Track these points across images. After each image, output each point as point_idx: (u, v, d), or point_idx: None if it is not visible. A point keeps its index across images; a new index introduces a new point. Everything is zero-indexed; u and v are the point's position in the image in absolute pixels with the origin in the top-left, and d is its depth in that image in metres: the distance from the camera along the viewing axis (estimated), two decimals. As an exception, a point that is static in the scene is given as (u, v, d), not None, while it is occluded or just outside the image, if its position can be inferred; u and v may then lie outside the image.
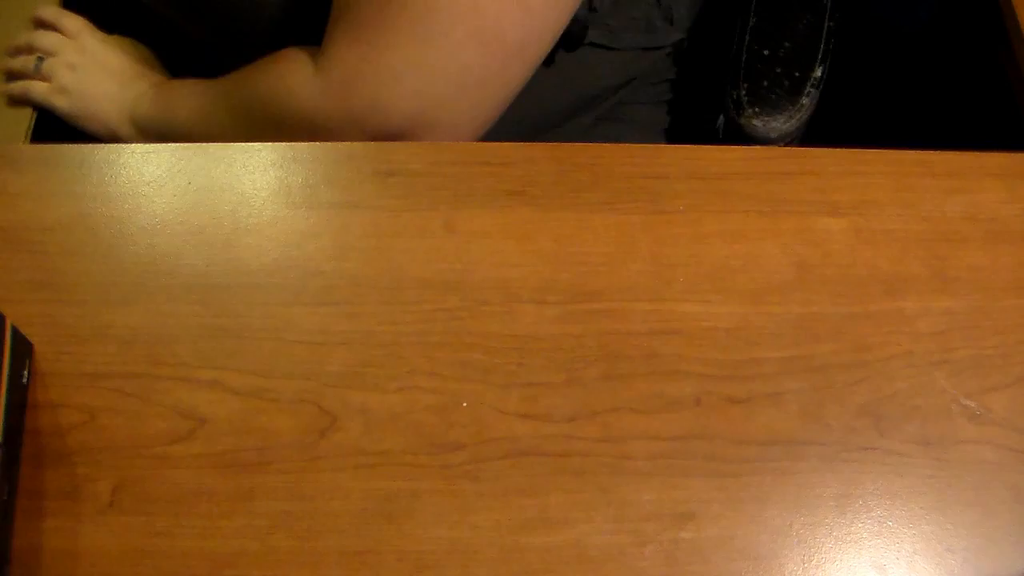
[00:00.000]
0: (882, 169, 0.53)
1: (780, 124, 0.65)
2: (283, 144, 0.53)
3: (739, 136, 0.66)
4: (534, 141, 0.59)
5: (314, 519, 0.44)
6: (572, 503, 0.45)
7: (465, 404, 0.46)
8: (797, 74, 0.65)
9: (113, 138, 0.72)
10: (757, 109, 0.64)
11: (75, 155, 0.52)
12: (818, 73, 0.65)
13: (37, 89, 0.73)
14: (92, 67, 0.74)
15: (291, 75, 0.57)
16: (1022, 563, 0.45)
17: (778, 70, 0.65)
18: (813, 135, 0.70)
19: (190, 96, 0.68)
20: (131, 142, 0.71)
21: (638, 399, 0.47)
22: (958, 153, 0.54)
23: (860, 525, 0.45)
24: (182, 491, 0.44)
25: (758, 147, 0.54)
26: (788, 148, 0.54)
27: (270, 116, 0.59)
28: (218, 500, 0.44)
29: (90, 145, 0.52)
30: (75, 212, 0.50)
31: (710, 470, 0.46)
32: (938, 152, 0.54)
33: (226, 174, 0.52)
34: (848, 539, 0.45)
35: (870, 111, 0.84)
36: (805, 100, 0.64)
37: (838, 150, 0.54)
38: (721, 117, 0.77)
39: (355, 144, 0.53)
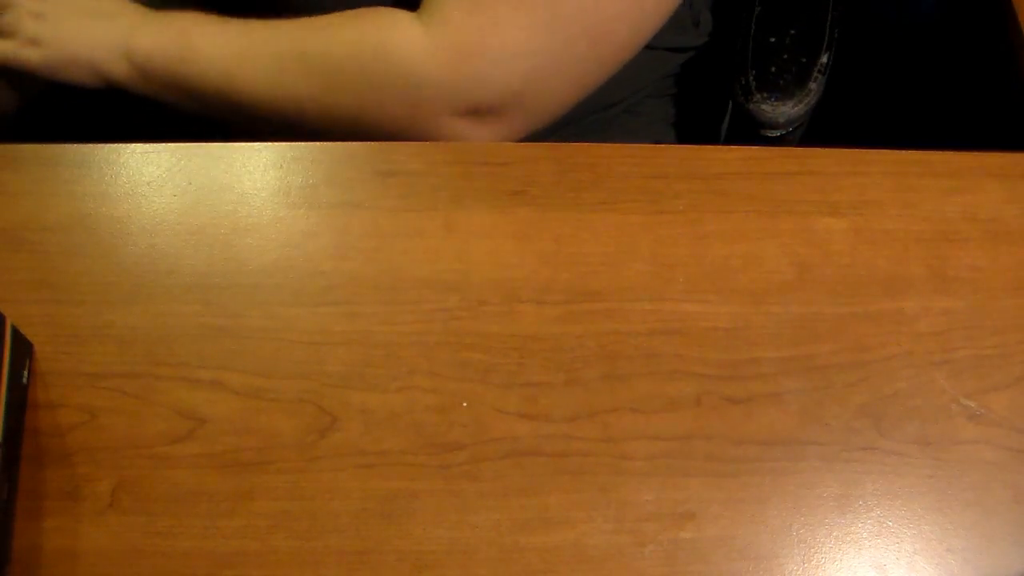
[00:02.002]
0: (882, 169, 0.53)
1: (788, 109, 0.65)
2: (283, 144, 0.53)
3: (748, 122, 0.66)
4: (552, 135, 0.58)
5: (314, 519, 0.44)
6: (572, 503, 0.45)
7: (465, 404, 0.46)
8: (804, 60, 0.65)
9: (104, 83, 0.62)
10: (766, 94, 0.65)
11: (75, 155, 0.52)
12: (824, 60, 0.65)
13: (1, 48, 0.63)
14: (61, 10, 0.63)
15: (394, 30, 0.55)
16: (1022, 563, 0.45)
17: (785, 56, 0.65)
18: (813, 134, 0.70)
19: (222, 33, 0.58)
20: (128, 85, 0.61)
21: (638, 399, 0.47)
22: (958, 153, 0.54)
23: (860, 525, 0.45)
24: (182, 491, 0.44)
25: (758, 147, 0.54)
26: (788, 148, 0.54)
27: (356, 68, 0.55)
28: (218, 500, 0.44)
29: (90, 145, 0.53)
30: (75, 212, 0.50)
31: (710, 470, 0.46)
32: (938, 152, 0.54)
33: (226, 174, 0.52)
34: (848, 539, 0.45)
35: (872, 107, 0.84)
36: (812, 85, 0.65)
37: (838, 150, 0.54)
38: (726, 120, 0.77)
39: (355, 144, 0.53)
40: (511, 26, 0.53)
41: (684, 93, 0.75)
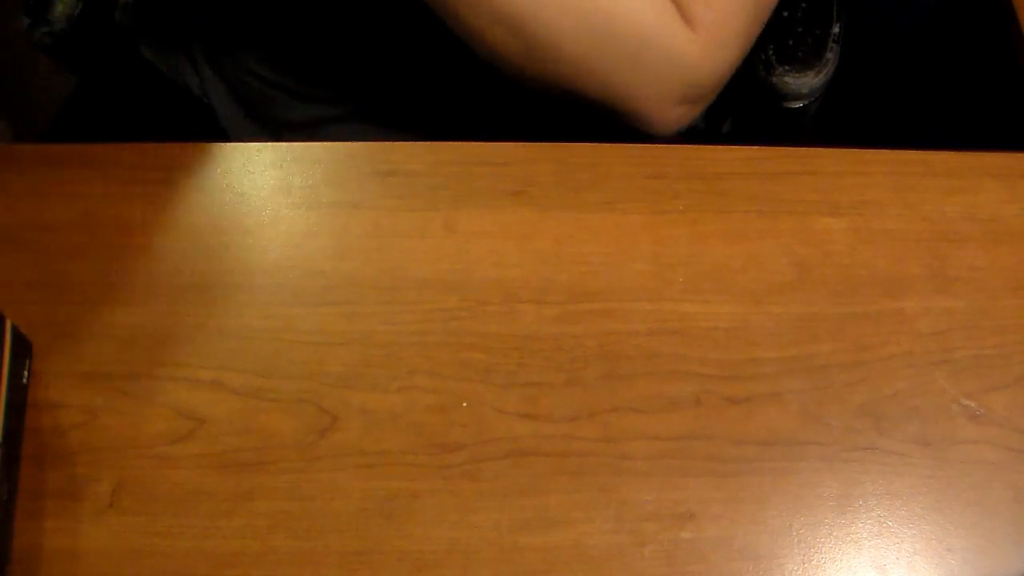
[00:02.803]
0: (882, 169, 0.53)
1: (810, 80, 0.66)
2: (283, 144, 0.53)
3: (771, 96, 0.67)
4: (577, 120, 0.58)
5: (314, 519, 0.44)
6: (572, 503, 0.45)
7: (465, 404, 0.46)
8: (818, 32, 0.67)
9: None
10: (787, 67, 0.66)
11: (75, 155, 0.52)
12: (836, 30, 0.67)
13: None
14: None
15: (663, 14, 0.55)
16: (1022, 563, 0.45)
17: (799, 29, 0.67)
18: (815, 133, 0.70)
19: None
20: None
21: (638, 399, 0.47)
22: (958, 153, 0.54)
23: (860, 525, 0.45)
24: (182, 491, 0.44)
25: (758, 147, 0.54)
26: (788, 148, 0.54)
27: (639, 39, 0.54)
28: (218, 500, 0.44)
29: (90, 145, 0.53)
30: (75, 212, 0.50)
31: (710, 470, 0.46)
32: (938, 152, 0.54)
33: (226, 174, 0.52)
34: (848, 539, 0.45)
35: (873, 106, 0.84)
36: (829, 55, 0.67)
37: (838, 150, 0.54)
38: (728, 122, 0.77)
39: (355, 144, 0.53)
40: (732, 16, 0.55)
41: None
